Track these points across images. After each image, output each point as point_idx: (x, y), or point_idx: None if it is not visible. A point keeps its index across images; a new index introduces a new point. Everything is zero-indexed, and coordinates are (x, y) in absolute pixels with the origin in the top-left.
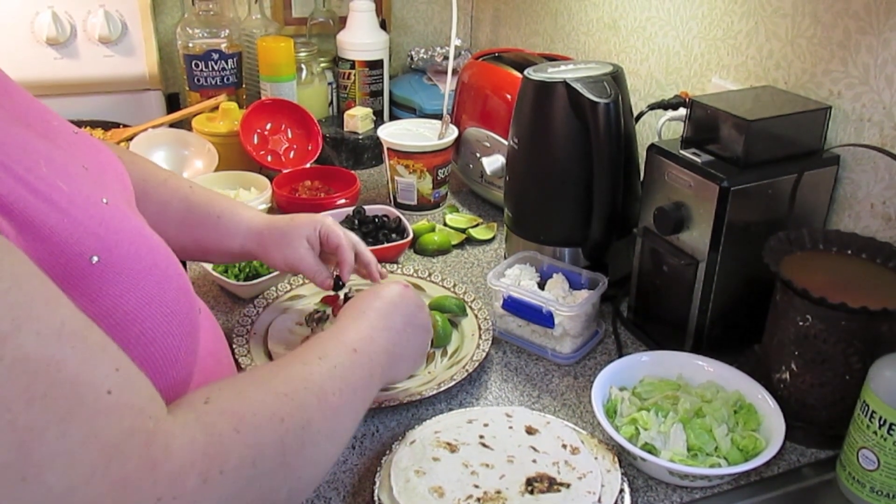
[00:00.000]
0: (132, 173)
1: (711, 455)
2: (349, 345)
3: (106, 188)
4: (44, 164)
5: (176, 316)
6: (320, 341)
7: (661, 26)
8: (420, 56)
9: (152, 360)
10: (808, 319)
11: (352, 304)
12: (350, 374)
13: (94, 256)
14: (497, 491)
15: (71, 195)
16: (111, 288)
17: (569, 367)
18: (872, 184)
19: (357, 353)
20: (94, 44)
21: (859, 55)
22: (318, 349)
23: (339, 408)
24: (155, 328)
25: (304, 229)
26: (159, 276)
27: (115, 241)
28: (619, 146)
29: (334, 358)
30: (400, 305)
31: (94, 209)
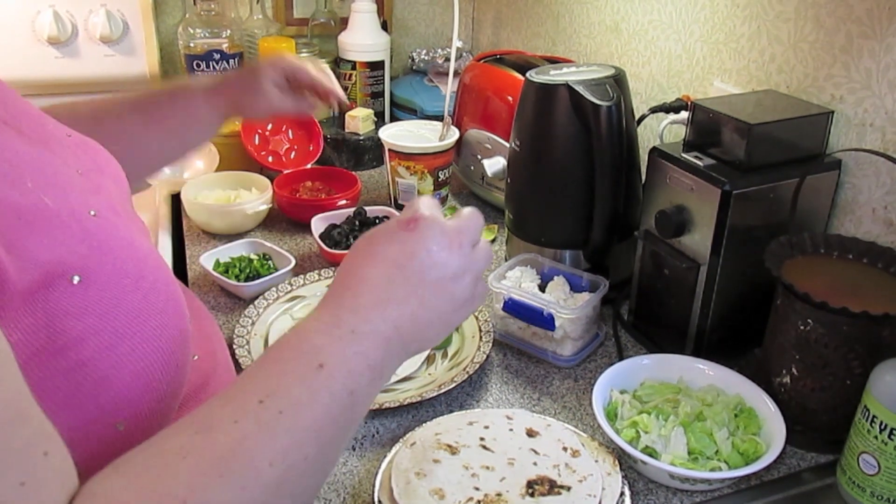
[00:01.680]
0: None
1: (712, 459)
2: (313, 358)
3: (99, 194)
4: (30, 177)
5: (166, 329)
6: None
7: (663, 30)
8: (421, 57)
9: (143, 374)
10: (810, 324)
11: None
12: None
13: (76, 276)
14: (497, 493)
15: (56, 211)
16: (96, 306)
17: (569, 370)
18: (874, 188)
19: (324, 369)
20: (95, 43)
21: (861, 60)
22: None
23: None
24: (146, 342)
25: (270, 75)
26: (147, 289)
27: (99, 257)
28: (621, 149)
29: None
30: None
31: (78, 225)
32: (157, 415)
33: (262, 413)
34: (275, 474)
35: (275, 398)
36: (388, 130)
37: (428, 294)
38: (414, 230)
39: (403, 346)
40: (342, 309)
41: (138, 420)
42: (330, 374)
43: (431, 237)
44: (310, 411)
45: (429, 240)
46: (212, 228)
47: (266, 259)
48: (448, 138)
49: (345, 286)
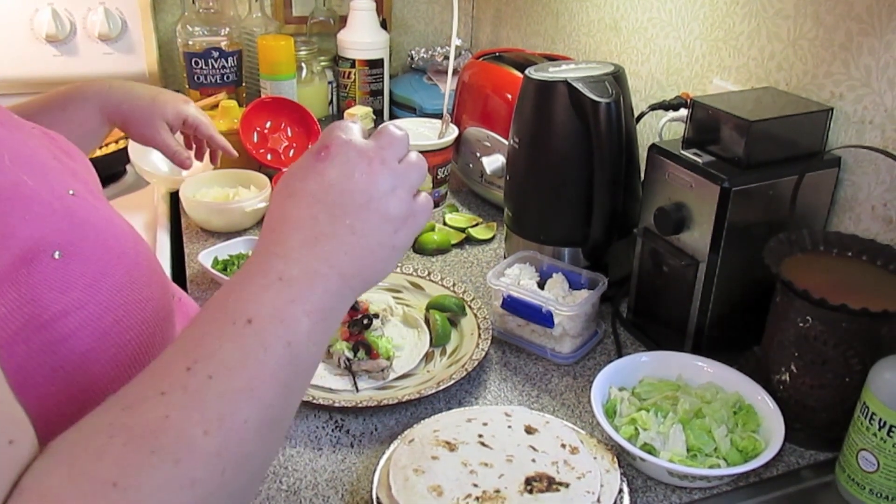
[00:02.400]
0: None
1: (711, 456)
2: (240, 314)
3: (75, 176)
4: (8, 156)
5: (150, 302)
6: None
7: (663, 27)
8: (420, 55)
9: (128, 347)
10: (809, 321)
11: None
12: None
13: (56, 252)
14: (496, 490)
15: (36, 189)
16: (78, 280)
17: (568, 367)
18: (873, 186)
19: (252, 324)
20: (93, 41)
21: (861, 57)
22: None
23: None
24: (129, 316)
25: (166, 114)
26: (129, 265)
27: (81, 233)
28: (620, 146)
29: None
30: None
31: (58, 202)
32: None
33: (191, 380)
34: (212, 443)
35: (203, 362)
36: None
37: (357, 221)
38: (327, 158)
39: (344, 281)
40: (268, 256)
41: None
42: (261, 329)
43: (348, 161)
44: (243, 371)
45: (346, 164)
46: (210, 226)
47: None
48: (447, 136)
49: (269, 232)
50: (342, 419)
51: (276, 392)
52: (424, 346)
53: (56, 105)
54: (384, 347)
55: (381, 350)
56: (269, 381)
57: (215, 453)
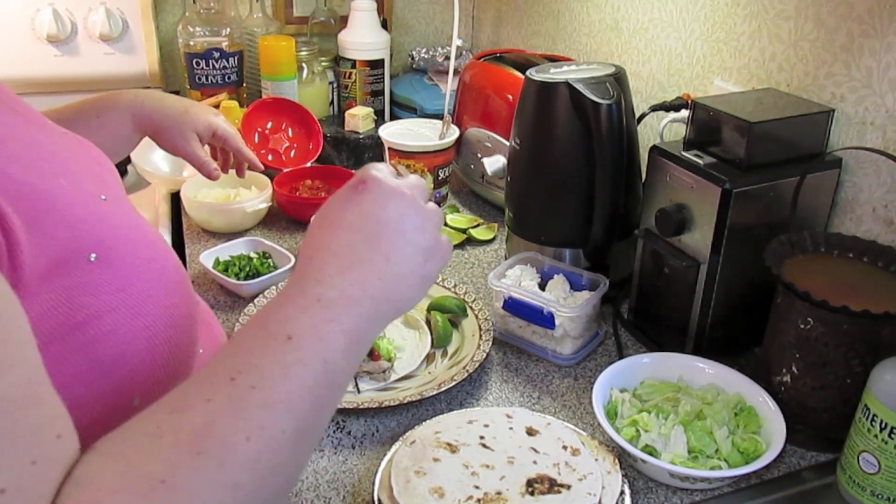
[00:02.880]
0: None
1: (712, 457)
2: (281, 331)
3: (104, 184)
4: (47, 161)
5: (176, 308)
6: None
7: (664, 28)
8: (421, 56)
9: (156, 351)
10: (810, 322)
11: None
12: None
13: (93, 254)
14: (497, 492)
15: (73, 193)
16: (112, 283)
17: (569, 369)
18: (874, 187)
19: (292, 340)
20: (94, 41)
21: (862, 58)
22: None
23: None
24: (158, 320)
25: (197, 125)
26: (158, 270)
27: (114, 237)
28: (621, 147)
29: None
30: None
31: (94, 206)
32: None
33: (235, 390)
34: (252, 449)
35: (246, 374)
36: (387, 129)
37: (391, 249)
38: (364, 192)
39: (376, 307)
40: (306, 280)
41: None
42: (299, 346)
43: (383, 194)
44: (283, 384)
45: (381, 197)
46: (211, 227)
47: (266, 257)
48: (448, 137)
49: (307, 259)
50: (343, 420)
51: (312, 405)
52: (426, 347)
53: (90, 112)
54: (385, 349)
55: (382, 351)
56: (307, 395)
57: (255, 459)
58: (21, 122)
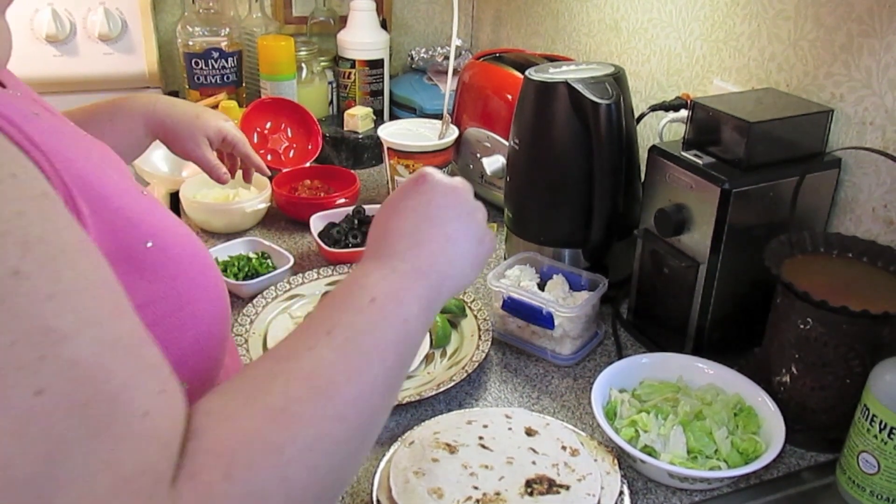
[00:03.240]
0: None
1: (711, 458)
2: (364, 294)
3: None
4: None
5: (219, 301)
6: (332, 302)
7: (663, 28)
8: (420, 56)
9: (205, 340)
10: (809, 323)
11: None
12: (371, 339)
13: (149, 241)
14: (496, 492)
15: (119, 183)
16: (165, 271)
17: (568, 369)
18: (874, 187)
19: (375, 302)
20: (93, 41)
21: (862, 58)
22: (327, 317)
23: (361, 394)
24: (204, 311)
25: (208, 130)
26: (202, 265)
27: (163, 227)
28: (621, 147)
29: (346, 326)
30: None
31: (141, 198)
32: (211, 377)
33: (332, 341)
34: (354, 390)
35: (340, 328)
36: (387, 129)
37: (451, 230)
38: (424, 183)
39: (441, 281)
40: (381, 256)
41: (198, 382)
42: (383, 306)
43: (441, 185)
44: (371, 338)
45: (440, 187)
46: (210, 227)
47: (265, 258)
48: (447, 136)
49: (378, 241)
50: None
51: (396, 359)
52: (424, 347)
53: (103, 116)
54: None
55: None
56: (392, 349)
57: (355, 398)
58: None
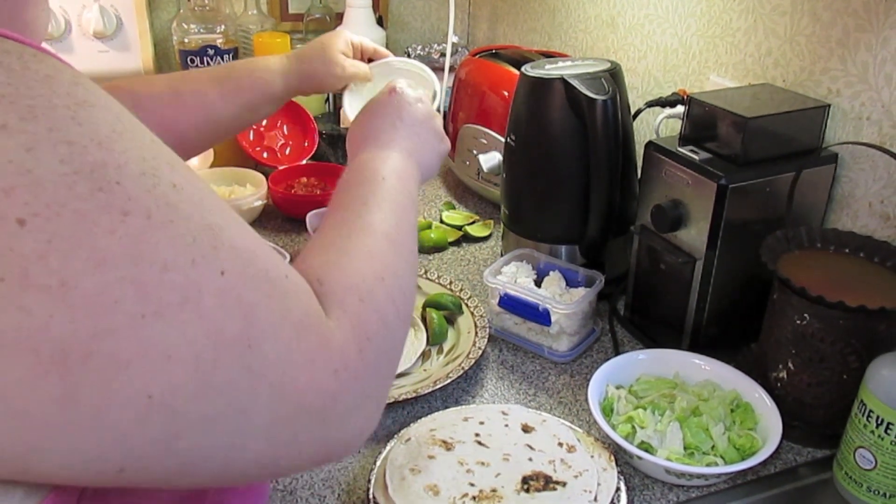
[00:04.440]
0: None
1: (708, 454)
2: (377, 175)
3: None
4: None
5: None
6: (351, 184)
7: (660, 24)
8: (417, 53)
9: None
10: (806, 318)
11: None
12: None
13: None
14: (493, 489)
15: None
16: None
17: (565, 365)
18: (871, 182)
19: (386, 180)
20: (88, 39)
21: (858, 53)
22: (357, 195)
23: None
24: None
25: (339, 45)
26: None
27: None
28: (617, 143)
29: (375, 196)
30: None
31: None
32: None
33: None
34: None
35: (371, 198)
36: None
37: (420, 128)
38: (395, 94)
39: (419, 168)
40: (371, 147)
41: None
42: (391, 182)
43: (409, 96)
44: (392, 201)
45: (408, 97)
46: None
47: None
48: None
49: (365, 138)
50: None
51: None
52: (421, 344)
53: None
54: None
55: None
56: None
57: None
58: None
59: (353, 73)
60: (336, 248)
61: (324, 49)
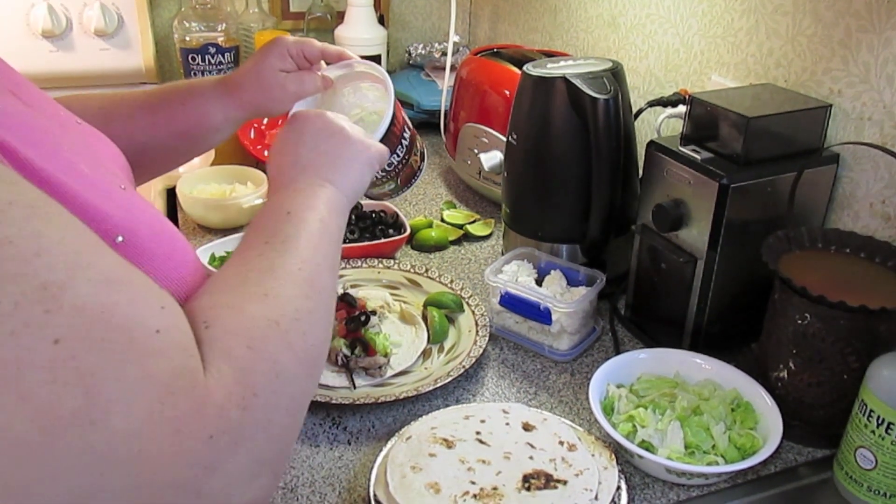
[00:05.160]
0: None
1: (709, 453)
2: (281, 211)
3: (118, 176)
4: (66, 148)
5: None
6: (255, 227)
7: (661, 23)
8: (418, 52)
9: None
10: (807, 318)
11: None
12: (302, 238)
13: (119, 236)
14: (493, 487)
15: (93, 178)
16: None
17: (566, 364)
18: (872, 183)
19: (291, 213)
20: (89, 37)
21: (860, 54)
22: (259, 234)
23: (312, 276)
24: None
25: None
26: (179, 260)
27: (136, 224)
28: (618, 143)
29: (278, 234)
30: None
31: (116, 193)
32: None
33: (273, 246)
34: (306, 272)
35: (275, 236)
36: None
37: (329, 146)
38: (294, 122)
39: (338, 189)
40: (280, 185)
41: None
42: (298, 214)
43: (310, 117)
44: (303, 237)
45: (309, 119)
46: (207, 223)
47: None
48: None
49: (276, 178)
50: (339, 416)
51: (327, 248)
52: (422, 343)
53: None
54: (381, 344)
55: (378, 347)
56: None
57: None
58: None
59: (297, 91)
60: (230, 289)
61: (258, 74)
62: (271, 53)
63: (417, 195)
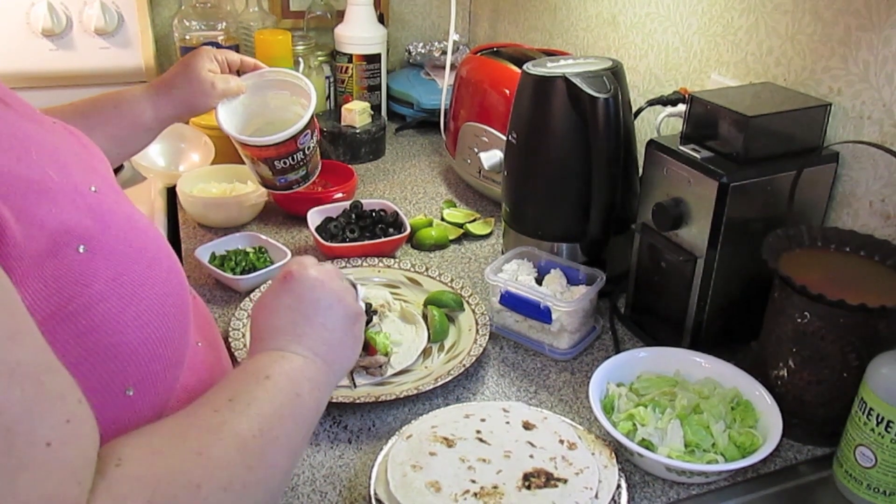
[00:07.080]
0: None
1: (708, 451)
2: (260, 373)
3: (95, 173)
4: (35, 151)
5: (169, 297)
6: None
7: (661, 22)
8: (418, 51)
9: (149, 340)
10: (807, 316)
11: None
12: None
13: (81, 246)
14: (494, 486)
15: (60, 184)
16: (102, 273)
17: (566, 363)
18: (871, 181)
19: (270, 379)
20: (90, 35)
21: (860, 52)
22: (227, 390)
23: (265, 449)
24: (150, 310)
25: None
26: (149, 260)
27: (103, 229)
28: (618, 142)
29: (246, 395)
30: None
31: (81, 199)
32: (162, 383)
33: (235, 406)
34: (256, 444)
35: (241, 396)
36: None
37: (326, 318)
38: (292, 280)
39: (327, 365)
40: (267, 349)
41: (146, 386)
42: (276, 382)
43: (308, 280)
44: (269, 404)
45: (308, 281)
46: (208, 221)
47: (262, 252)
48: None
49: (262, 338)
50: (340, 415)
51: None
52: (422, 342)
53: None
54: (382, 343)
55: (378, 346)
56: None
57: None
58: (10, 113)
59: (224, 89)
60: (168, 436)
61: (188, 70)
62: (200, 56)
63: (417, 194)
